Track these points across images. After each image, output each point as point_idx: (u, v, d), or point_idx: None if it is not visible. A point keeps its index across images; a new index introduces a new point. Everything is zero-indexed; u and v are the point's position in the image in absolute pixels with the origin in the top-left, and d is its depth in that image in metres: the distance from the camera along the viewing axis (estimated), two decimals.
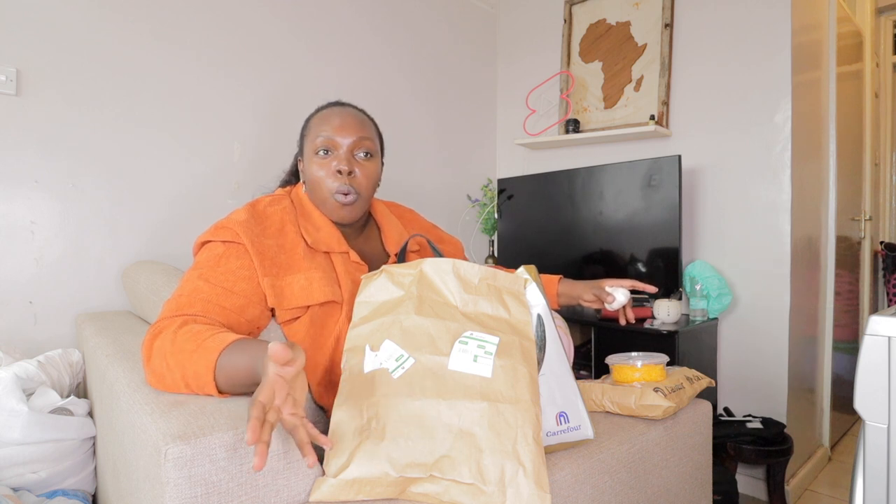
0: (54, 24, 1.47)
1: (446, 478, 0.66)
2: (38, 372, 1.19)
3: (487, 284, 0.81)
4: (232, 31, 1.83)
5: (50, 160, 1.47)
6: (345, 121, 0.99)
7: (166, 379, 0.76)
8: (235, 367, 0.71)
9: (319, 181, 0.98)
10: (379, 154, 1.05)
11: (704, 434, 1.13)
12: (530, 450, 0.67)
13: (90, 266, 1.54)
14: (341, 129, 0.98)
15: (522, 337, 0.77)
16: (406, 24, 2.38)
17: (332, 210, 0.99)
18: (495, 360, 0.72)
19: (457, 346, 0.73)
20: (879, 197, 3.05)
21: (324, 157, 0.98)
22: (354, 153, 0.99)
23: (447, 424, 0.68)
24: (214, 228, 0.92)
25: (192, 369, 0.73)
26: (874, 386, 0.75)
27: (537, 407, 0.71)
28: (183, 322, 0.80)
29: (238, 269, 0.88)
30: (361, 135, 0.99)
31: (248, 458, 0.65)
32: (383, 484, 0.67)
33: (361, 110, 1.06)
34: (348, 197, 0.97)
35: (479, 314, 0.78)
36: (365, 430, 0.69)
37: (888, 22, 3.16)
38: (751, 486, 1.89)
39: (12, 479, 1.09)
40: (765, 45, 1.89)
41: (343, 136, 0.98)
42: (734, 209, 1.98)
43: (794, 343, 1.90)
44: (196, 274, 0.87)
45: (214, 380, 0.73)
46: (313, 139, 0.99)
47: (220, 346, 0.73)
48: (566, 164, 2.41)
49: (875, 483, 0.76)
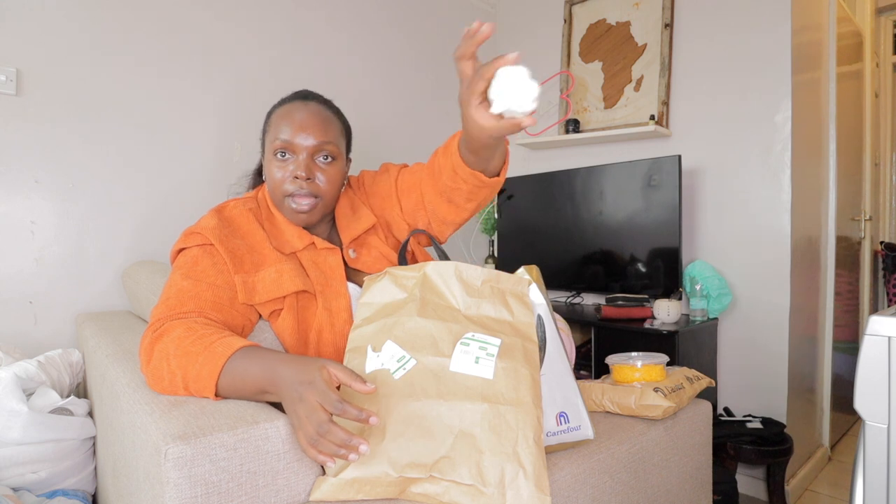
0: (54, 24, 1.47)
1: (446, 478, 0.66)
2: (38, 372, 1.19)
3: (490, 287, 0.81)
4: (232, 31, 1.83)
5: (50, 160, 1.47)
6: (306, 121, 0.93)
7: (164, 381, 0.75)
8: (244, 375, 0.71)
9: (277, 184, 0.94)
10: (343, 155, 1.00)
11: (704, 434, 1.13)
12: (531, 452, 0.67)
13: (90, 266, 1.54)
14: (302, 130, 0.93)
15: (525, 339, 0.77)
16: (406, 24, 2.38)
17: (290, 214, 0.96)
18: (497, 362, 0.72)
19: (458, 348, 0.73)
20: (879, 197, 3.05)
21: (282, 159, 0.94)
22: (315, 157, 0.94)
23: (448, 425, 0.68)
24: (185, 235, 0.92)
25: (194, 372, 0.73)
26: (874, 386, 0.75)
27: (539, 409, 0.71)
28: (182, 323, 0.79)
29: (215, 265, 0.88)
30: (323, 139, 0.94)
31: (248, 458, 0.65)
32: (383, 484, 0.67)
33: (327, 103, 1.00)
34: (306, 203, 0.93)
35: (481, 317, 0.78)
36: (365, 430, 0.69)
37: (888, 22, 3.16)
38: (751, 486, 1.89)
39: (12, 479, 1.09)
40: (765, 45, 1.89)
41: (303, 139, 0.92)
42: (734, 209, 1.98)
43: (794, 343, 1.90)
44: (178, 276, 0.87)
45: (217, 384, 0.73)
46: (273, 139, 0.94)
47: (227, 352, 0.73)
48: (566, 164, 2.41)
49: (875, 483, 0.76)
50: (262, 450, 0.66)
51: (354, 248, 1.03)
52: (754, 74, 1.91)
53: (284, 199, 0.95)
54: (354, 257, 1.01)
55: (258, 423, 0.67)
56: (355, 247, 1.03)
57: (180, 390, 0.75)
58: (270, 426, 0.67)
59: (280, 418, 0.69)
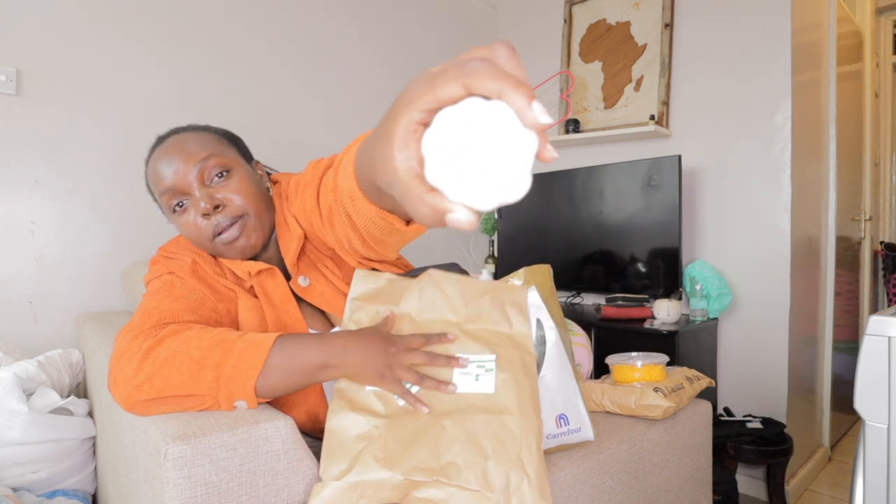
0: (54, 24, 1.47)
1: (452, 483, 0.66)
2: (38, 372, 1.19)
3: (490, 298, 0.81)
4: (231, 32, 1.83)
5: (50, 160, 1.47)
6: (174, 157, 0.80)
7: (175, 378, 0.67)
8: (297, 352, 0.67)
9: (196, 237, 0.82)
10: (239, 161, 0.86)
11: (704, 434, 1.13)
12: (534, 459, 0.67)
13: (90, 266, 1.54)
14: (176, 167, 0.79)
15: (523, 351, 0.77)
16: (406, 25, 2.38)
17: (231, 252, 0.83)
18: (497, 375, 0.72)
19: (456, 370, 0.73)
20: (879, 197, 3.05)
21: (181, 209, 0.81)
22: (208, 182, 0.81)
23: (453, 435, 0.68)
24: (155, 267, 0.86)
25: (233, 358, 0.66)
26: (874, 386, 0.75)
27: (539, 419, 0.71)
28: (186, 326, 0.72)
29: (186, 281, 0.82)
30: (200, 156, 0.80)
31: (248, 458, 0.65)
32: (387, 488, 0.66)
33: (190, 128, 0.87)
34: (235, 229, 0.81)
35: (480, 330, 0.78)
36: (366, 438, 0.68)
37: (888, 22, 3.16)
38: (751, 486, 1.89)
39: (12, 479, 1.09)
40: (765, 45, 1.89)
41: (182, 172, 0.79)
42: (734, 209, 1.98)
43: (794, 343, 1.90)
44: (149, 295, 0.79)
45: (265, 363, 0.66)
46: (160, 194, 0.82)
47: (270, 336, 0.68)
48: (566, 164, 2.41)
49: (875, 483, 0.76)
50: (262, 450, 0.66)
51: (305, 273, 0.85)
52: (754, 74, 1.91)
53: (214, 243, 0.82)
54: (306, 286, 0.84)
55: (258, 423, 0.67)
56: (306, 271, 0.85)
57: (203, 383, 0.66)
58: (270, 426, 0.67)
59: (280, 418, 0.69)
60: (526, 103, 0.31)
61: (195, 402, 0.68)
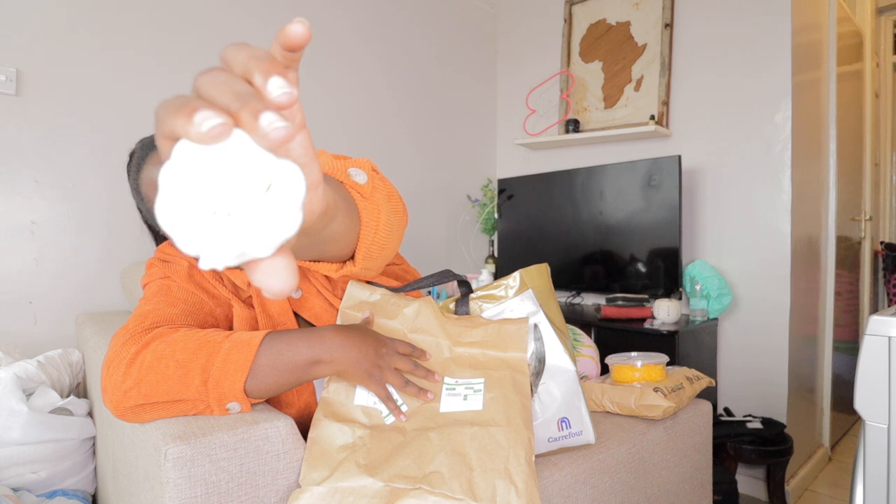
0: (54, 24, 1.47)
1: (436, 492, 0.64)
2: (38, 372, 1.19)
3: (488, 327, 0.80)
4: (231, 33, 1.82)
5: (50, 160, 1.47)
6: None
7: (163, 383, 0.65)
8: (285, 350, 0.65)
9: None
10: None
11: (704, 434, 1.13)
12: (522, 470, 0.66)
13: (90, 266, 1.54)
14: None
15: (516, 371, 0.76)
16: (406, 25, 2.38)
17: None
18: (485, 395, 0.72)
19: (444, 392, 0.73)
20: (879, 197, 3.05)
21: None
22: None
23: (438, 446, 0.67)
24: (151, 270, 0.84)
25: (220, 358, 0.65)
26: (874, 386, 0.75)
27: (530, 432, 0.70)
28: (174, 328, 0.71)
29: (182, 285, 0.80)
30: None
31: (248, 458, 0.65)
32: (368, 495, 0.64)
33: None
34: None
35: (474, 354, 0.77)
36: (349, 447, 0.68)
37: (888, 22, 3.16)
38: (751, 486, 1.89)
39: (12, 479, 1.09)
40: (765, 45, 1.89)
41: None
42: (734, 209, 1.98)
43: (794, 343, 1.90)
44: (146, 299, 0.78)
45: (252, 363, 0.64)
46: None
47: (257, 336, 0.66)
48: (566, 164, 2.41)
49: (875, 483, 0.76)
50: (262, 450, 0.66)
51: (298, 284, 0.84)
52: (754, 74, 1.91)
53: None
54: (298, 297, 0.84)
55: (258, 423, 0.67)
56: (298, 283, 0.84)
57: (191, 387, 0.65)
58: (270, 426, 0.67)
59: (280, 418, 0.69)
60: (251, 119, 0.23)
61: (186, 407, 0.67)
